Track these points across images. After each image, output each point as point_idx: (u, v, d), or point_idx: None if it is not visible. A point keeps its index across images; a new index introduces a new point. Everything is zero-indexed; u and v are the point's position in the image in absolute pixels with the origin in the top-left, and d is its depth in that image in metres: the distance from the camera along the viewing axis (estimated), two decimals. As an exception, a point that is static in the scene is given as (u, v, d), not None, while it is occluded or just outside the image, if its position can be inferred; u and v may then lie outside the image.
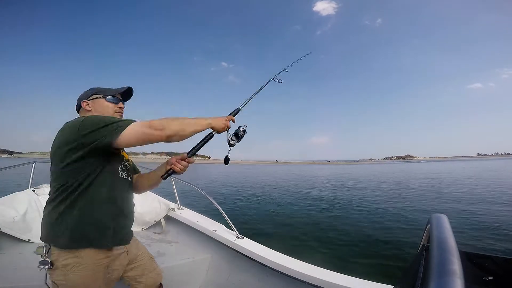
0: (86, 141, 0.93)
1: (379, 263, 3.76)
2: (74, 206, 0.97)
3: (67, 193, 0.97)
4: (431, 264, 0.42)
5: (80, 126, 0.93)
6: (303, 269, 1.44)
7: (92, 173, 0.99)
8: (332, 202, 8.64)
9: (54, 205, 0.98)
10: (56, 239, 0.98)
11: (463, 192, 10.38)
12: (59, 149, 0.96)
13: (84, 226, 0.98)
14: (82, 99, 1.13)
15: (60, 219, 0.96)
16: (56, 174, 0.99)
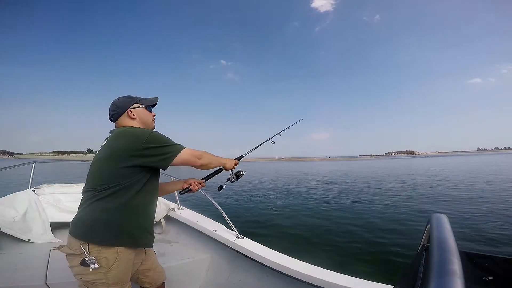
0: (147, 153, 1.06)
1: (379, 263, 3.77)
2: (124, 207, 1.06)
3: (116, 194, 1.05)
4: (431, 264, 0.42)
5: (148, 138, 1.07)
6: (303, 269, 1.44)
7: (141, 179, 1.10)
8: (332, 201, 8.64)
9: (100, 203, 1.04)
10: (97, 236, 1.03)
11: (463, 189, 10.39)
12: (118, 151, 1.06)
13: (131, 227, 1.09)
14: (127, 108, 1.23)
15: (107, 217, 1.04)
16: (107, 173, 1.07)
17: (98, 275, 1.04)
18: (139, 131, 1.12)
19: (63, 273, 1.64)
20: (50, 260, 1.81)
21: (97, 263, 1.02)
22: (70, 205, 2.69)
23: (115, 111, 1.24)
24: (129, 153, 1.05)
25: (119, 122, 1.24)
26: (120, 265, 1.07)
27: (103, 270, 1.04)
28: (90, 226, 1.04)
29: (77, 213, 1.10)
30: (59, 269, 1.69)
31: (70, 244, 1.08)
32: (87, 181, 1.14)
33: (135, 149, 1.05)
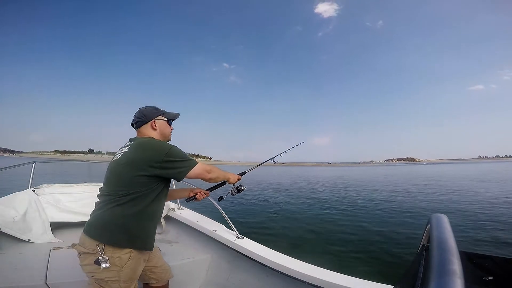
0: (166, 166, 1.17)
1: (379, 263, 3.77)
2: (141, 214, 1.16)
3: (135, 201, 1.14)
4: (431, 264, 0.42)
5: (168, 153, 1.17)
6: (303, 269, 1.44)
7: (157, 189, 1.20)
8: (332, 203, 8.64)
9: (120, 209, 1.12)
10: (113, 238, 1.12)
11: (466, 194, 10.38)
12: (140, 161, 1.15)
13: (145, 232, 1.20)
14: (152, 118, 1.34)
15: (125, 222, 1.13)
16: (127, 180, 1.15)
17: (112, 273, 1.11)
18: (160, 145, 1.22)
19: (63, 273, 1.64)
20: (50, 260, 1.81)
21: (108, 263, 1.09)
22: (70, 205, 2.69)
23: (140, 119, 1.34)
24: (150, 164, 1.15)
25: (141, 130, 1.34)
26: (132, 264, 1.15)
27: (116, 268, 1.12)
28: (108, 229, 1.12)
29: (95, 214, 1.18)
30: (59, 269, 1.69)
31: (84, 243, 1.14)
32: (106, 183, 1.21)
33: (156, 161, 1.15)
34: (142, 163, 1.14)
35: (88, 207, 2.75)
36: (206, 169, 1.29)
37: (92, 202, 3.13)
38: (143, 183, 1.15)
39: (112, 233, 1.11)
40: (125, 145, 1.29)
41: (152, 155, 1.16)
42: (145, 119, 1.33)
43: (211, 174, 1.32)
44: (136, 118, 1.35)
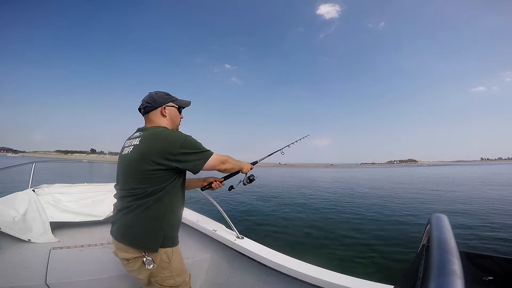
0: (181, 159, 1.10)
1: (379, 263, 3.77)
2: (170, 212, 1.15)
3: (160, 201, 1.11)
4: (431, 264, 0.42)
5: (183, 144, 1.11)
6: (303, 269, 1.44)
7: (176, 181, 1.17)
8: (332, 203, 8.63)
9: (148, 211, 1.10)
10: (153, 243, 1.11)
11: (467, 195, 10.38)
12: (155, 154, 1.08)
13: (177, 228, 1.24)
14: (163, 104, 1.25)
15: (158, 224, 1.12)
16: (144, 176, 1.09)
17: (164, 271, 1.15)
18: (174, 135, 1.15)
19: (63, 273, 1.64)
20: (50, 260, 1.81)
21: (153, 263, 1.11)
22: (70, 205, 2.69)
23: (150, 104, 1.23)
24: (165, 157, 1.08)
25: (149, 116, 1.25)
26: (177, 257, 1.22)
27: (165, 265, 1.15)
28: (146, 235, 1.11)
29: (126, 219, 1.13)
30: (59, 269, 1.69)
31: (127, 250, 1.13)
32: (122, 182, 1.17)
33: (171, 153, 1.09)
34: (157, 156, 1.07)
35: (88, 207, 2.75)
36: (221, 160, 1.23)
37: (92, 202, 3.14)
38: (161, 177, 1.10)
39: (151, 238, 1.11)
40: (134, 136, 1.19)
41: (166, 147, 1.09)
42: (154, 105, 1.23)
43: (226, 165, 1.26)
44: (144, 103, 1.24)
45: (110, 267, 1.79)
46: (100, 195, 2.90)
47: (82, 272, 1.70)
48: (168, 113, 1.26)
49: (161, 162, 1.08)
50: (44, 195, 2.63)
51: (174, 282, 1.18)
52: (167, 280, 1.17)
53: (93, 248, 2.14)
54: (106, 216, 2.75)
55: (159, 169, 1.09)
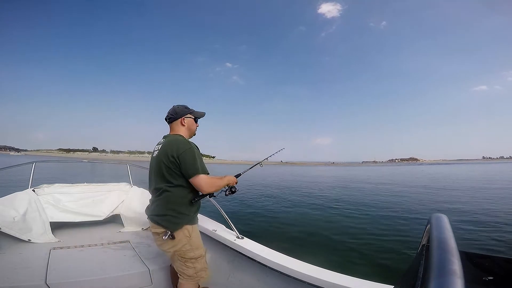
0: (179, 162, 1.42)
1: (379, 263, 3.76)
2: (185, 199, 1.47)
3: (184, 189, 1.46)
4: (431, 264, 0.42)
5: (184, 152, 1.43)
6: (303, 269, 1.44)
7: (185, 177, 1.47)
8: (332, 203, 8.64)
9: (169, 196, 1.45)
10: (175, 223, 1.45)
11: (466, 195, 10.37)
12: (167, 155, 1.43)
13: (195, 210, 1.56)
14: (181, 116, 1.60)
15: (175, 206, 1.45)
16: (164, 173, 1.44)
17: (185, 245, 1.47)
18: (182, 142, 1.48)
19: (63, 273, 1.64)
20: (50, 260, 1.81)
21: (172, 237, 1.44)
22: (70, 205, 2.69)
23: (172, 115, 1.60)
24: (170, 159, 1.42)
25: (172, 125, 1.62)
26: (195, 233, 1.54)
27: (186, 239, 1.47)
28: (168, 215, 1.45)
29: (155, 205, 1.50)
30: (59, 269, 1.69)
31: (156, 228, 1.49)
32: (154, 180, 1.51)
33: (173, 156, 1.42)
34: (167, 157, 1.42)
35: (88, 207, 2.75)
36: (208, 183, 1.46)
37: (92, 202, 3.14)
38: (177, 174, 1.43)
39: (169, 219, 1.44)
40: (159, 142, 1.58)
41: (173, 151, 1.43)
42: (176, 116, 1.60)
43: (211, 190, 1.49)
44: (169, 115, 1.61)
45: (110, 267, 1.79)
46: (100, 195, 2.90)
47: (82, 272, 1.70)
48: (186, 123, 1.61)
49: (171, 161, 1.42)
50: (44, 195, 2.63)
51: (193, 255, 1.49)
52: (188, 253, 1.48)
53: (93, 248, 2.14)
54: (106, 216, 2.75)
55: (171, 168, 1.43)
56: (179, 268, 1.50)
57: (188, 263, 1.49)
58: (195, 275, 1.50)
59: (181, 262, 1.49)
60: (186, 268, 1.49)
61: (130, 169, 3.29)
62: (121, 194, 2.98)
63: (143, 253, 2.04)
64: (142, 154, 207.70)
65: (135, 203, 2.79)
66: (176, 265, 1.51)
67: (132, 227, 2.68)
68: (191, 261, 1.49)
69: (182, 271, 1.49)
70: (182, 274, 1.50)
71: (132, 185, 3.17)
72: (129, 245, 2.23)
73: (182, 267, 1.49)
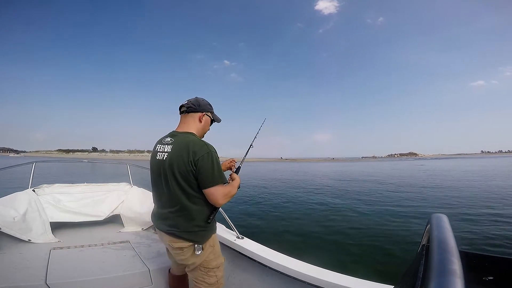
0: (195, 168, 1.22)
1: (379, 263, 3.76)
2: (206, 207, 1.31)
3: (197, 199, 1.27)
4: (431, 264, 0.42)
5: (203, 156, 1.22)
6: (303, 269, 1.44)
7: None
8: (332, 202, 8.64)
9: (198, 210, 1.29)
10: (201, 237, 1.32)
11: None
12: (189, 163, 1.22)
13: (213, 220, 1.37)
14: (204, 111, 1.40)
15: (198, 221, 1.29)
16: (185, 184, 1.24)
17: (211, 255, 1.37)
18: (199, 146, 1.25)
19: (63, 273, 1.64)
20: (50, 260, 1.81)
21: (202, 249, 1.31)
22: (70, 205, 2.69)
23: (194, 106, 1.38)
24: (187, 167, 1.22)
25: (187, 117, 1.38)
26: (217, 242, 1.44)
27: (211, 249, 1.37)
28: (193, 230, 1.29)
29: (173, 217, 1.29)
30: (59, 269, 1.69)
31: (179, 243, 1.31)
32: (168, 189, 1.28)
33: (191, 161, 1.22)
34: (184, 164, 1.22)
35: (88, 207, 2.75)
36: (224, 195, 1.28)
37: (92, 202, 3.14)
38: (195, 184, 1.25)
39: (197, 232, 1.30)
40: (165, 141, 1.33)
41: (189, 155, 1.22)
42: (198, 109, 1.38)
43: (227, 201, 1.31)
44: (190, 104, 1.38)
45: (110, 267, 1.79)
46: (100, 195, 2.90)
47: (82, 272, 1.70)
48: (204, 120, 1.41)
49: (188, 169, 1.22)
50: (44, 195, 2.63)
51: (216, 263, 1.40)
52: (212, 262, 1.38)
53: (93, 248, 2.14)
54: (106, 216, 2.75)
55: (188, 177, 1.24)
56: (200, 277, 1.39)
57: (211, 272, 1.39)
58: (216, 283, 1.41)
59: (203, 272, 1.38)
60: (208, 278, 1.39)
61: (130, 169, 3.29)
62: (121, 194, 2.98)
63: (143, 253, 2.04)
64: (141, 153, 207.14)
65: (135, 203, 2.79)
66: (196, 275, 1.39)
67: (132, 227, 2.68)
68: (213, 270, 1.40)
69: (203, 280, 1.39)
70: (202, 283, 1.39)
71: (132, 185, 3.17)
72: (129, 245, 2.23)
73: (203, 276, 1.39)
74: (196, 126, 1.38)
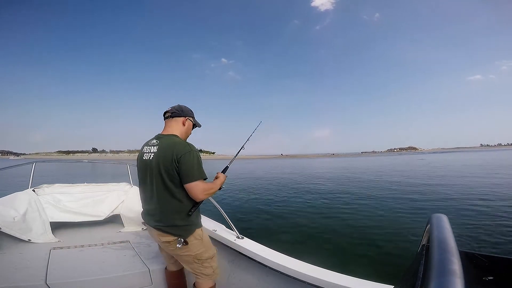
0: (177, 164, 1.35)
1: (379, 263, 3.76)
2: (189, 204, 1.42)
3: (180, 193, 1.38)
4: (431, 264, 0.42)
5: (184, 154, 1.35)
6: (303, 269, 1.44)
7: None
8: (332, 201, 8.63)
9: (181, 205, 1.40)
10: (187, 230, 1.43)
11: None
12: (173, 161, 1.34)
13: (198, 213, 1.52)
14: (186, 116, 1.55)
15: (190, 214, 1.42)
16: (169, 181, 1.37)
17: (199, 246, 1.47)
18: (181, 145, 1.39)
19: (63, 273, 1.64)
20: (50, 260, 1.81)
21: (185, 243, 1.41)
22: (70, 205, 2.69)
23: (177, 111, 1.53)
24: (172, 164, 1.34)
25: (171, 122, 1.53)
26: (205, 235, 1.55)
27: (197, 242, 1.46)
28: (178, 225, 1.41)
29: (158, 212, 1.42)
30: (59, 269, 1.69)
31: (165, 237, 1.42)
32: (153, 186, 1.40)
33: (175, 159, 1.34)
34: (169, 162, 1.34)
35: (88, 207, 2.75)
36: (204, 190, 1.38)
37: (92, 202, 3.14)
38: (179, 180, 1.36)
39: (180, 227, 1.41)
40: (151, 143, 1.47)
41: (173, 153, 1.35)
42: (182, 114, 1.53)
43: (206, 196, 1.42)
44: (174, 110, 1.53)
45: (110, 267, 1.79)
46: (100, 195, 2.90)
47: (82, 272, 1.70)
48: (187, 124, 1.55)
49: (172, 166, 1.34)
50: (44, 195, 2.63)
51: (209, 255, 1.52)
52: (203, 254, 1.49)
53: (93, 248, 2.14)
54: (106, 216, 2.75)
55: (173, 174, 1.36)
56: (197, 269, 1.51)
57: (206, 264, 1.52)
58: (212, 273, 1.54)
59: (198, 264, 1.50)
60: (204, 269, 1.51)
61: (130, 169, 3.29)
62: (121, 194, 2.98)
63: (143, 253, 2.04)
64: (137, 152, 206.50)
65: (135, 203, 2.79)
66: (193, 267, 1.51)
67: (132, 227, 2.68)
68: (207, 261, 1.52)
69: (200, 271, 1.51)
70: (200, 274, 1.51)
71: (132, 185, 3.18)
72: (129, 245, 2.23)
73: (199, 268, 1.51)
74: (180, 129, 1.52)
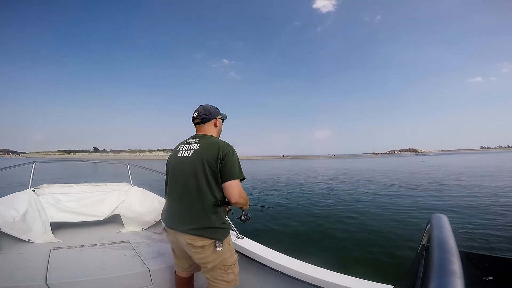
0: (222, 161, 1.30)
1: (379, 263, 3.76)
2: (225, 205, 1.36)
3: (220, 194, 1.32)
4: (431, 264, 0.42)
5: (228, 153, 1.32)
6: (303, 269, 1.44)
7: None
8: (331, 201, 8.63)
9: (218, 205, 1.32)
10: (220, 234, 1.35)
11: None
12: (218, 157, 1.30)
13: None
14: (215, 117, 1.49)
15: (218, 217, 1.35)
16: (212, 178, 1.31)
17: (227, 251, 1.39)
18: (225, 145, 1.36)
19: (63, 273, 1.64)
20: (50, 260, 1.81)
21: (222, 246, 1.33)
22: (70, 205, 2.69)
23: (207, 116, 1.47)
24: (216, 161, 1.30)
25: (205, 126, 1.48)
26: (231, 238, 1.47)
27: (228, 246, 1.40)
28: (214, 228, 1.33)
29: (191, 215, 1.33)
30: (59, 269, 1.69)
31: (199, 241, 1.32)
32: (190, 184, 1.33)
33: (220, 156, 1.30)
34: (213, 158, 1.30)
35: (88, 207, 2.75)
36: (240, 191, 1.31)
37: (92, 202, 3.13)
38: (218, 179, 1.31)
39: (218, 229, 1.34)
40: (189, 142, 1.43)
41: (218, 150, 1.31)
42: (211, 117, 1.47)
43: (241, 200, 1.33)
44: (202, 115, 1.46)
45: (110, 267, 1.79)
46: (100, 195, 2.90)
47: (82, 272, 1.70)
48: (218, 124, 1.51)
49: (216, 163, 1.30)
50: (44, 195, 2.63)
51: (233, 260, 1.44)
52: (229, 259, 1.41)
53: (93, 248, 2.14)
54: (106, 216, 2.75)
55: (216, 171, 1.30)
56: (219, 276, 1.39)
57: (229, 270, 1.41)
58: (234, 280, 1.43)
59: (222, 270, 1.39)
60: (227, 275, 1.40)
61: (130, 169, 3.29)
62: (121, 194, 2.98)
63: (143, 253, 2.04)
64: (143, 153, 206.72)
65: (135, 203, 2.79)
66: (215, 274, 1.39)
67: (132, 227, 2.68)
68: (231, 268, 1.42)
69: (222, 278, 1.40)
70: (221, 282, 1.40)
71: (132, 185, 3.18)
72: (129, 245, 2.23)
73: (222, 274, 1.40)
74: (214, 131, 1.49)
